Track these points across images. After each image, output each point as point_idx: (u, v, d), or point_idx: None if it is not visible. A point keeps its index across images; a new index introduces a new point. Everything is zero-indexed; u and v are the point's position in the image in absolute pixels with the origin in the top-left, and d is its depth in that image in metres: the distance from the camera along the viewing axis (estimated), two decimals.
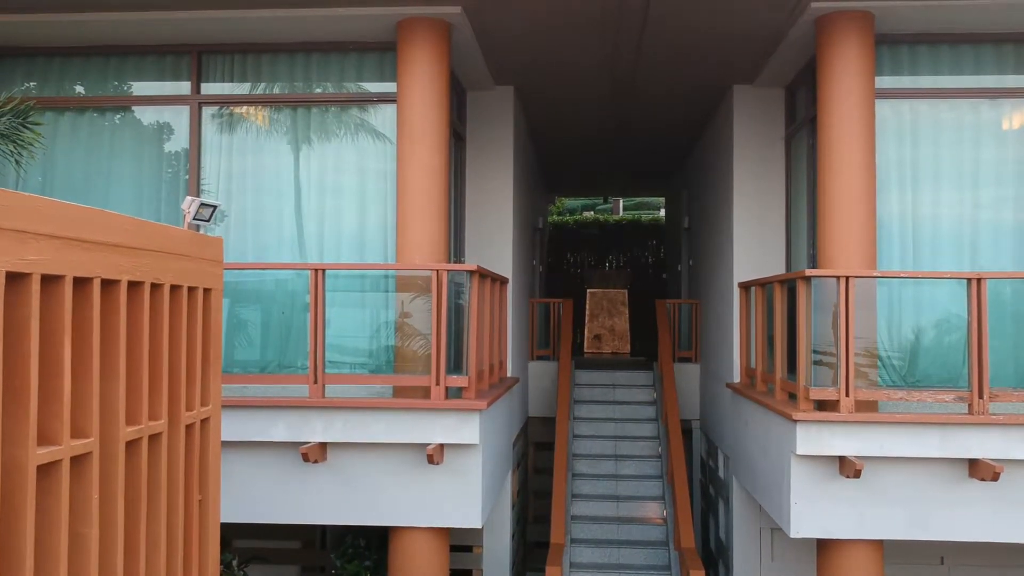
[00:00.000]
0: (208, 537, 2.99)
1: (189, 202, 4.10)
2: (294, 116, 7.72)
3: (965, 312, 6.07)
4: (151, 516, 2.62)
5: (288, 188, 7.63)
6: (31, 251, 2.00)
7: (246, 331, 7.66)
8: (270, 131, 7.77)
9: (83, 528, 2.25)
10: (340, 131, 7.63)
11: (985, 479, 5.76)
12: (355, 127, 7.63)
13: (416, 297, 6.63)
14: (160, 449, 2.65)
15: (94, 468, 2.27)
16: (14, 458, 1.99)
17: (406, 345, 6.67)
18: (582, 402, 11.34)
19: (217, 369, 3.04)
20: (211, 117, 7.74)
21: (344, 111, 7.63)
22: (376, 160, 7.53)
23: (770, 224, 8.95)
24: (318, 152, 7.63)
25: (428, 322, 6.27)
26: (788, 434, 6.17)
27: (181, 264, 2.76)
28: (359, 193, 7.51)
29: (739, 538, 8.92)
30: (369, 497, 6.33)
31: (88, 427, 2.26)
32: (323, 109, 7.65)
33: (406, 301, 6.97)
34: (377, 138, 7.53)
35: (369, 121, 7.61)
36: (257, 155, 7.68)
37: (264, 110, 7.81)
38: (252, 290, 7.59)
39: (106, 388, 2.36)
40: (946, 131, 7.23)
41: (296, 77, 7.77)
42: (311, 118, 7.68)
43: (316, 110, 7.67)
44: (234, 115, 7.80)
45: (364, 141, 7.61)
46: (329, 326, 6.45)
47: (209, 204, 4.04)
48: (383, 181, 7.44)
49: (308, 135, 7.67)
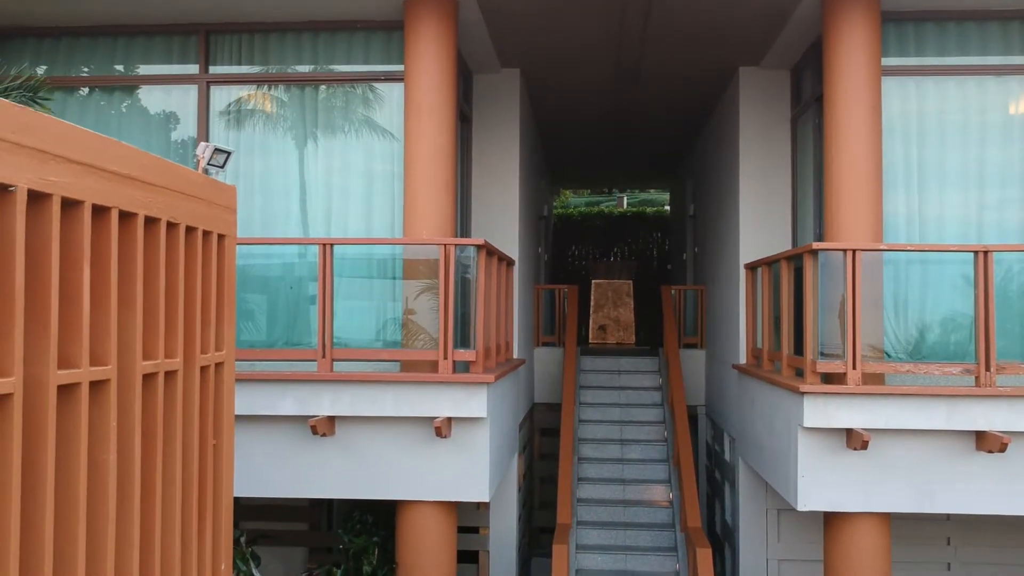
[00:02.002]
0: (222, 483, 3.01)
1: (203, 147, 4.12)
2: (301, 97, 7.74)
3: (971, 287, 6.08)
4: (167, 453, 2.64)
5: (294, 167, 7.66)
6: (51, 172, 2.03)
7: (253, 318, 7.68)
8: (277, 116, 7.80)
9: (102, 454, 2.27)
10: (346, 125, 7.64)
11: (992, 451, 5.77)
12: (361, 116, 7.65)
13: (424, 284, 6.64)
14: (176, 387, 2.67)
15: (112, 395, 2.29)
16: (35, 377, 2.02)
17: (414, 323, 6.68)
18: (587, 388, 11.36)
19: (231, 316, 3.06)
20: (218, 114, 7.76)
21: (350, 102, 7.64)
22: (382, 143, 7.55)
23: (776, 207, 8.95)
24: (325, 134, 7.65)
25: (436, 301, 6.30)
26: (795, 408, 6.18)
27: (196, 207, 2.78)
28: (365, 174, 7.54)
29: (745, 519, 8.93)
30: (377, 471, 6.35)
31: (106, 355, 2.28)
32: (330, 94, 7.66)
33: (413, 282, 6.99)
34: (383, 133, 7.54)
35: (376, 107, 7.62)
36: (264, 144, 7.71)
37: (270, 96, 7.83)
38: (259, 275, 7.62)
39: (124, 319, 2.39)
40: (951, 110, 7.24)
41: (303, 57, 7.79)
42: (318, 103, 7.70)
43: (323, 95, 7.69)
44: (241, 101, 7.82)
45: (372, 126, 7.63)
46: (337, 299, 6.47)
47: (223, 150, 4.05)
48: (390, 162, 7.48)
49: (315, 117, 7.69)
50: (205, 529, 2.87)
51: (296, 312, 7.49)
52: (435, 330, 6.47)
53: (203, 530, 2.86)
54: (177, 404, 2.68)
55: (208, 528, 2.89)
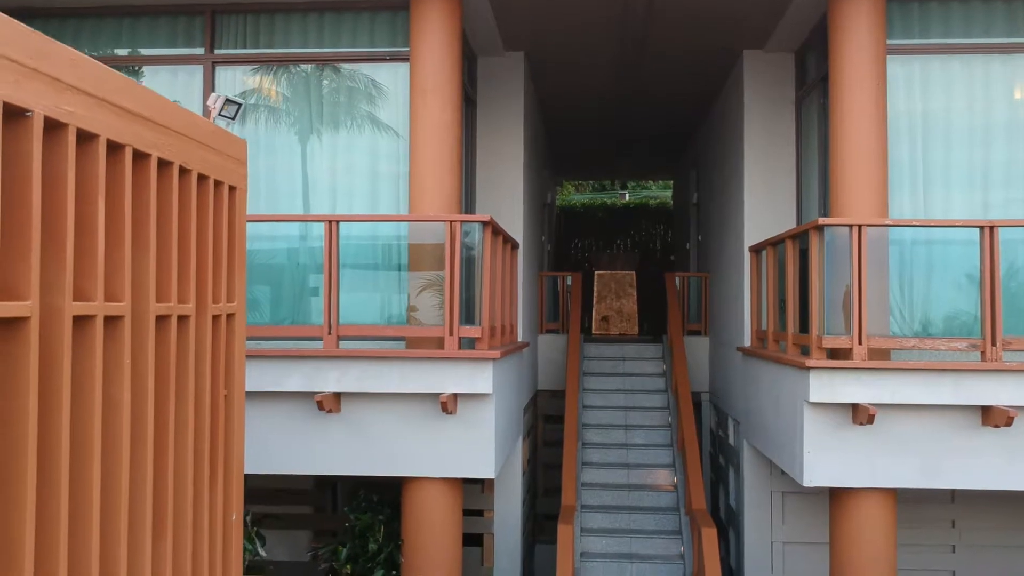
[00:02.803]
0: (233, 433, 3.02)
1: (214, 98, 4.12)
2: (306, 88, 7.74)
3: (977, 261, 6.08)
4: (179, 398, 2.65)
5: (297, 159, 7.68)
6: (67, 102, 2.03)
7: (258, 307, 7.67)
8: (281, 103, 7.81)
9: (116, 391, 2.28)
10: (349, 120, 7.65)
11: (999, 425, 5.77)
12: (365, 112, 7.65)
13: (428, 280, 6.64)
14: (188, 333, 2.68)
15: (126, 333, 2.30)
16: (51, 306, 2.02)
17: (417, 320, 6.69)
18: (592, 374, 11.37)
19: (242, 268, 3.07)
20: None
21: (353, 96, 7.64)
22: (387, 138, 7.57)
23: (780, 190, 8.95)
24: (329, 128, 7.65)
25: (440, 297, 6.31)
26: (801, 383, 6.18)
27: (208, 155, 2.79)
28: (370, 152, 7.55)
29: (750, 502, 8.93)
30: (383, 448, 6.36)
31: (120, 292, 2.29)
32: (333, 88, 7.66)
33: (418, 274, 6.98)
34: (385, 129, 7.54)
35: (380, 102, 7.64)
36: (268, 135, 7.73)
37: (275, 85, 7.84)
38: (263, 263, 7.61)
39: (137, 260, 2.39)
40: (958, 86, 7.24)
41: (309, 39, 7.79)
42: (323, 97, 7.71)
43: (328, 83, 7.69)
44: (246, 84, 7.83)
45: (375, 122, 7.64)
46: (342, 292, 6.47)
47: (235, 101, 4.04)
48: (395, 159, 7.50)
49: (320, 109, 7.69)
50: (217, 477, 2.88)
51: (299, 302, 7.50)
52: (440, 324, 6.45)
53: (215, 478, 2.87)
54: (189, 350, 2.68)
55: (220, 477, 2.90)
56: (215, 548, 2.87)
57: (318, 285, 7.01)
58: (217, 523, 2.88)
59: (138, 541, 2.40)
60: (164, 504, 2.52)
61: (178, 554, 2.62)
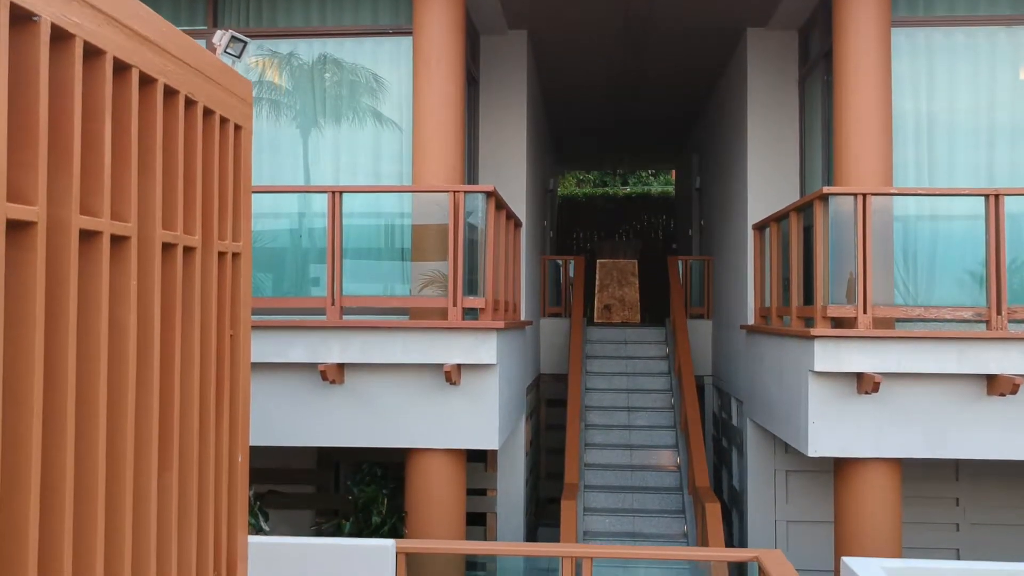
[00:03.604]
0: (239, 375, 3.01)
1: (220, 35, 4.11)
2: (311, 76, 7.74)
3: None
4: (185, 333, 2.63)
5: (300, 142, 7.68)
6: (74, 13, 2.02)
7: (260, 292, 7.66)
8: (285, 85, 7.81)
9: (122, 313, 2.26)
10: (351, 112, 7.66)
11: (1004, 394, 5.76)
12: (367, 105, 7.65)
13: (429, 276, 6.63)
14: (194, 267, 2.66)
15: (132, 256, 2.28)
16: (58, 218, 2.01)
17: (422, 269, 6.69)
18: (594, 357, 11.36)
19: (247, 209, 3.05)
20: None
21: (355, 91, 7.65)
22: (391, 101, 7.56)
23: (784, 169, 8.93)
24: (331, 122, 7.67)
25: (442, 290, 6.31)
26: (805, 354, 6.17)
27: (214, 90, 2.77)
28: (373, 130, 7.55)
29: (753, 482, 8.92)
30: (387, 420, 6.35)
31: (126, 213, 2.27)
32: (336, 78, 7.66)
33: (420, 264, 6.98)
34: (388, 123, 7.54)
35: (381, 96, 7.64)
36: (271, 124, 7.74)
37: (278, 68, 7.83)
38: (265, 247, 7.61)
39: (143, 185, 2.38)
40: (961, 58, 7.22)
41: (311, 16, 7.77)
42: (326, 91, 7.71)
43: (330, 76, 7.68)
44: (249, 69, 7.82)
45: (378, 116, 7.64)
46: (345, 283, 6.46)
47: (240, 39, 4.02)
48: (399, 113, 7.48)
49: (323, 102, 7.70)
50: (223, 416, 2.87)
51: (301, 284, 7.50)
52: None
53: (220, 417, 2.86)
54: (195, 283, 2.67)
55: (225, 416, 2.89)
56: (221, 486, 2.86)
57: (320, 276, 7.01)
58: (223, 462, 2.87)
59: (144, 468, 2.38)
60: (170, 433, 2.51)
61: (184, 486, 2.60)
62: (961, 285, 6.78)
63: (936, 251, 7.07)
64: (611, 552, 5.92)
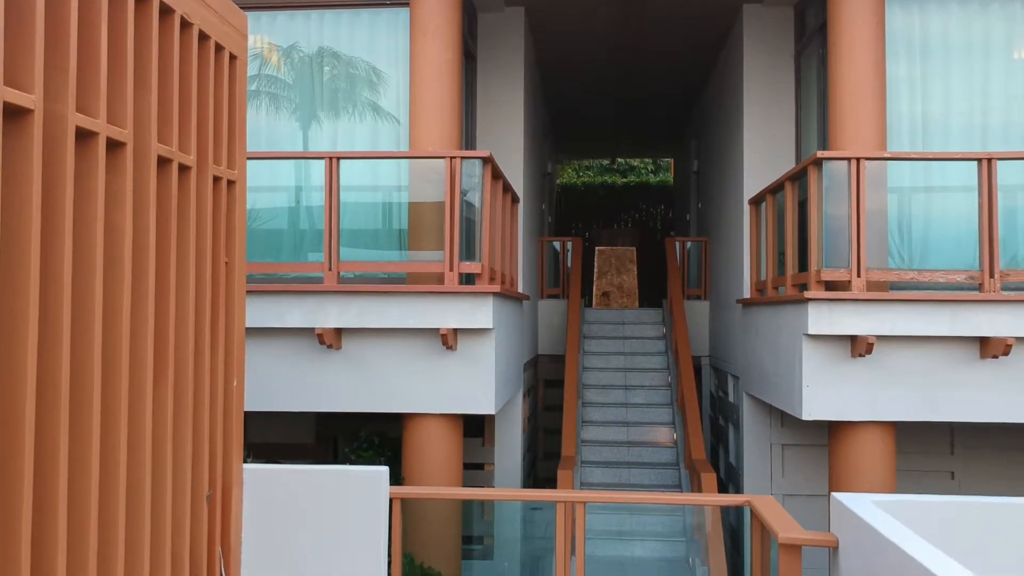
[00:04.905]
0: (234, 304, 3.04)
1: None
2: (310, 67, 7.78)
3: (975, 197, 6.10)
4: (180, 252, 2.67)
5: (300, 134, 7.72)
6: None
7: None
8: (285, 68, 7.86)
9: (118, 217, 2.30)
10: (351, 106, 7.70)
11: (997, 355, 5.81)
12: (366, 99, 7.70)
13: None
14: (189, 186, 2.69)
15: (128, 162, 2.32)
16: (55, 112, 2.05)
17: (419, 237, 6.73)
18: (592, 338, 11.40)
19: (243, 138, 3.09)
20: None
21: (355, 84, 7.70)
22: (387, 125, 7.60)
23: (780, 145, 8.96)
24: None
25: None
26: (799, 318, 6.21)
27: (209, 15, 2.81)
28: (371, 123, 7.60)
29: (749, 456, 8.96)
30: (384, 385, 6.39)
31: (123, 119, 2.31)
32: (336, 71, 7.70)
33: (418, 217, 7.02)
34: (387, 117, 7.59)
35: (381, 90, 7.68)
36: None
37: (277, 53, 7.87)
38: (263, 230, 7.64)
39: (139, 97, 2.41)
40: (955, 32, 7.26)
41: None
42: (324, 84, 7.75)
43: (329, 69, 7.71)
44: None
45: (377, 109, 7.69)
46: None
47: None
48: (396, 105, 7.53)
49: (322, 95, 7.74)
50: (218, 339, 2.90)
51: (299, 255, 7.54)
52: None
53: (216, 340, 2.89)
54: (190, 203, 2.70)
55: (221, 340, 2.92)
56: (216, 409, 2.90)
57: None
58: (218, 384, 2.90)
59: (139, 377, 2.42)
60: (165, 345, 2.54)
61: (179, 402, 2.64)
62: (956, 247, 6.80)
63: (931, 216, 7.11)
64: (604, 497, 6.06)
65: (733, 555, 8.28)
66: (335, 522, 3.12)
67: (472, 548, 8.52)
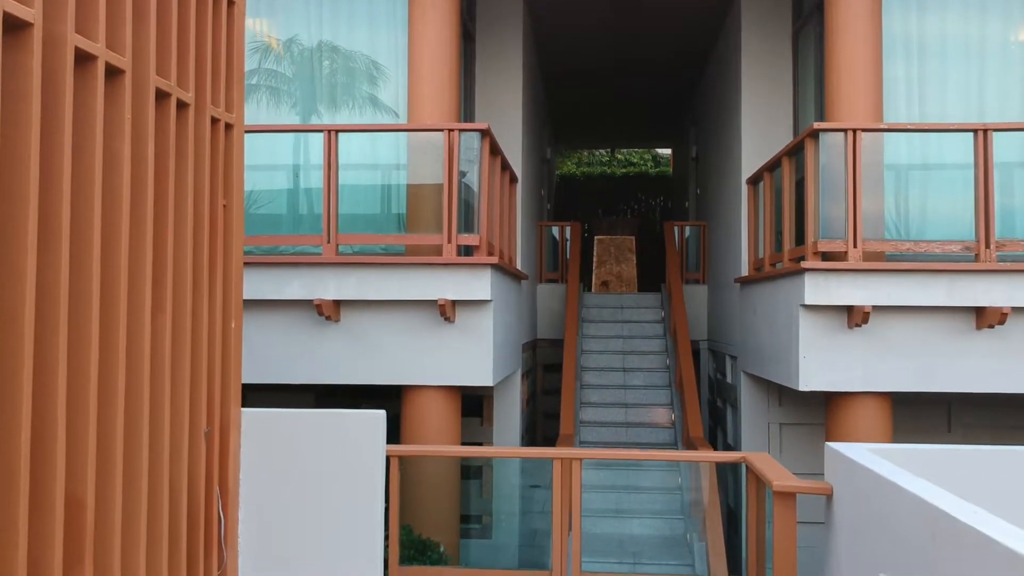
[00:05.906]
0: (232, 245, 3.07)
1: None
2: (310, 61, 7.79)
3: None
4: (179, 187, 2.69)
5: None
6: None
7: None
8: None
9: (117, 143, 2.32)
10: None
11: (993, 325, 5.83)
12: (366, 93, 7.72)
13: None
14: (187, 123, 2.72)
15: (127, 86, 2.35)
16: (54, 32, 2.07)
17: (417, 212, 6.75)
18: (591, 322, 11.42)
19: (240, 84, 3.11)
20: None
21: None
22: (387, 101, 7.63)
23: (777, 125, 8.98)
24: None
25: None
26: (796, 289, 6.23)
27: None
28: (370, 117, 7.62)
29: (747, 435, 8.98)
30: (382, 357, 6.41)
31: (121, 47, 2.33)
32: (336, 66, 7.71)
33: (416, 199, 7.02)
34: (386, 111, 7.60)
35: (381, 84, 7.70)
36: None
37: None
38: (262, 214, 7.65)
39: (138, 30, 2.43)
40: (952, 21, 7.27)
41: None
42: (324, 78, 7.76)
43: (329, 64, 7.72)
44: None
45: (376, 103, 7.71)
46: None
47: None
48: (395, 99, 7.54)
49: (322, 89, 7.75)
50: (216, 279, 2.93)
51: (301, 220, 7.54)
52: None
53: (214, 279, 2.92)
54: (189, 141, 2.73)
55: (219, 280, 2.95)
56: (215, 348, 2.92)
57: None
58: (216, 323, 2.93)
59: (137, 305, 2.44)
60: (163, 277, 2.57)
61: (177, 336, 2.66)
62: (952, 224, 6.82)
63: (928, 186, 7.13)
64: (601, 454, 6.15)
65: (731, 533, 8.31)
66: (333, 464, 3.15)
67: (470, 527, 8.56)
